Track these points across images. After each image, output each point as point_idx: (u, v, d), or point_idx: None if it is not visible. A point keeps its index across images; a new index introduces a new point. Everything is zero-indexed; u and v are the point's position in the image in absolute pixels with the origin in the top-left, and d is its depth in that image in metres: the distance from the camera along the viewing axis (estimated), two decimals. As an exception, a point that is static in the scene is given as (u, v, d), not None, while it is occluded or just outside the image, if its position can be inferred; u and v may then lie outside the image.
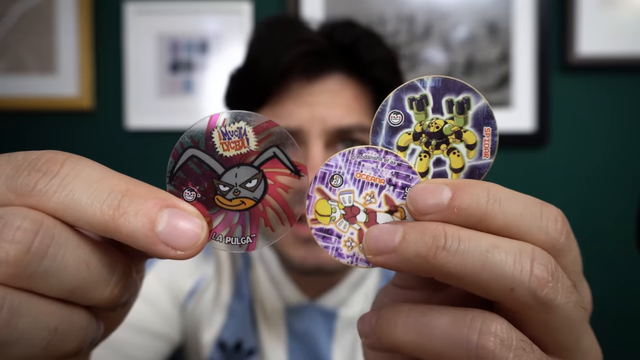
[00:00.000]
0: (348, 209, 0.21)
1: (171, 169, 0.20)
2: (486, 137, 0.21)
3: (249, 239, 0.21)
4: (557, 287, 0.19)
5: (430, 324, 0.19)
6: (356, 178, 0.21)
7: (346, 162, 0.21)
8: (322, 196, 0.21)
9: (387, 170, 0.21)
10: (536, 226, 0.20)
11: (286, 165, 0.20)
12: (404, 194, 0.21)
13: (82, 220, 0.18)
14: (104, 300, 0.19)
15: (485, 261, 0.18)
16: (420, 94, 0.21)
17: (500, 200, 0.19)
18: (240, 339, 0.66)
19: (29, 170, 0.18)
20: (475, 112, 0.21)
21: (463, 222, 0.19)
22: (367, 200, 0.21)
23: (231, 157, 0.20)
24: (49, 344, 0.18)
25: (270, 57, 0.59)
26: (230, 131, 0.20)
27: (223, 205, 0.20)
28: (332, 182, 0.21)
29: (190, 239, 0.18)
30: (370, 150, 0.21)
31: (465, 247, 0.18)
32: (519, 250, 0.19)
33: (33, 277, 0.17)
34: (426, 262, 0.19)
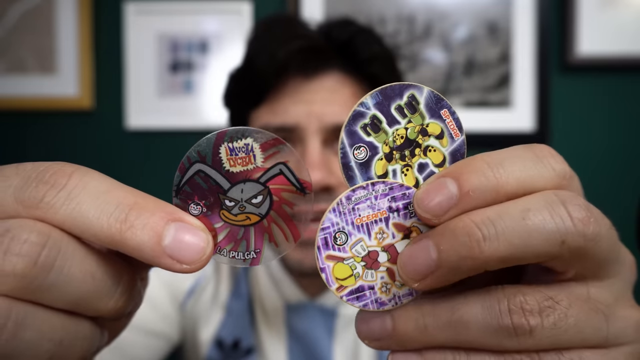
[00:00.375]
0: (366, 257, 0.21)
1: (178, 182, 0.20)
2: (447, 119, 0.21)
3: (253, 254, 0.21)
4: (597, 219, 0.19)
5: (464, 319, 0.19)
6: (358, 224, 0.21)
7: (340, 216, 0.21)
8: (335, 261, 0.21)
9: (383, 199, 0.21)
10: (542, 169, 0.19)
11: (292, 182, 0.20)
12: (410, 212, 0.21)
13: (88, 232, 0.18)
14: (109, 310, 0.20)
15: (527, 229, 0.18)
16: (368, 116, 0.21)
17: (501, 163, 0.19)
18: (238, 337, 0.67)
19: (37, 182, 0.18)
20: (425, 103, 0.21)
21: (482, 202, 0.19)
22: (380, 239, 0.21)
23: (237, 172, 0.20)
24: (54, 356, 0.18)
25: (266, 54, 0.59)
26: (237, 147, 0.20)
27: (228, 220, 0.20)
28: (336, 242, 0.21)
29: (195, 253, 0.18)
30: (358, 191, 0.21)
31: (502, 226, 0.18)
32: (547, 202, 0.18)
33: (39, 289, 0.17)
34: (474, 260, 0.18)
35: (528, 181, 0.19)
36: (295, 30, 0.61)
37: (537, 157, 0.20)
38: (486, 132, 1.10)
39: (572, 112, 1.11)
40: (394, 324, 0.20)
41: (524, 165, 0.19)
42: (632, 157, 1.11)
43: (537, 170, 0.19)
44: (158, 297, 0.66)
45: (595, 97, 1.11)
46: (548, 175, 0.19)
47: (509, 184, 0.19)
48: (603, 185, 1.12)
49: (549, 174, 0.19)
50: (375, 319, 0.20)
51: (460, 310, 0.19)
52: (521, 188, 0.19)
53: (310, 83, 0.60)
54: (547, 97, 1.09)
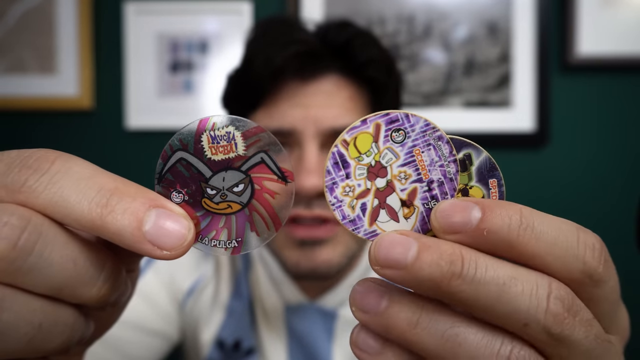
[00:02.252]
0: (379, 165, 0.20)
1: (160, 170, 0.20)
2: (493, 189, 0.21)
3: (235, 243, 0.21)
4: (574, 323, 0.18)
5: (460, 338, 0.18)
6: (413, 152, 0.20)
7: (421, 133, 0.20)
8: (373, 132, 0.20)
9: (440, 173, 0.20)
10: (572, 255, 0.18)
11: (273, 171, 0.20)
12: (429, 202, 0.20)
13: (70, 217, 0.18)
14: (92, 298, 0.19)
15: (500, 293, 0.17)
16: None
17: (534, 225, 0.18)
18: (239, 338, 0.67)
19: (19, 167, 0.18)
20: (478, 167, 0.21)
21: (492, 247, 0.18)
22: (399, 177, 0.20)
23: (219, 161, 0.20)
24: (33, 340, 0.18)
25: (262, 58, 0.58)
26: (219, 135, 0.20)
27: (210, 208, 0.20)
28: (395, 132, 0.20)
29: (176, 240, 0.18)
30: (446, 146, 0.20)
31: (482, 276, 0.17)
32: (536, 283, 0.18)
33: (19, 272, 0.17)
34: (438, 287, 0.18)
35: (549, 256, 0.18)
36: (292, 34, 0.60)
37: (578, 243, 0.18)
38: (486, 132, 1.10)
39: (572, 112, 1.11)
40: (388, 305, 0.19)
41: (556, 240, 0.18)
42: (632, 157, 1.11)
43: (566, 251, 0.18)
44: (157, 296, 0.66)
45: (595, 97, 1.11)
46: (574, 262, 0.18)
47: (527, 247, 0.18)
48: (603, 186, 1.12)
49: (575, 263, 0.18)
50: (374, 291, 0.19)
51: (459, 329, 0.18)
52: (537, 257, 0.18)
53: (307, 87, 0.59)
54: (547, 97, 1.09)
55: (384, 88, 0.63)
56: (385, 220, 0.21)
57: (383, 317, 0.19)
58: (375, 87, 0.62)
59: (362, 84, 0.62)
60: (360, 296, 0.20)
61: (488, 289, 0.17)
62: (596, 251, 0.19)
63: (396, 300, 0.19)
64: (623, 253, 1.11)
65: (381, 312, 0.19)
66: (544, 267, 0.18)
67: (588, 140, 1.11)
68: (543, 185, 1.12)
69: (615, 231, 1.11)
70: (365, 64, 0.61)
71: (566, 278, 0.18)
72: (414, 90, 1.10)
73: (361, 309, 0.19)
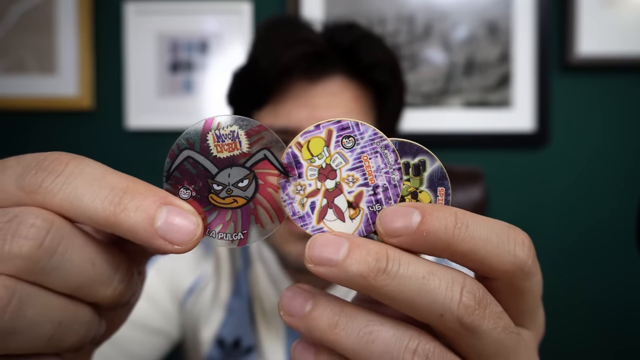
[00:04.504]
0: (329, 168, 0.22)
1: (168, 168, 0.21)
2: (440, 197, 0.22)
3: (241, 235, 0.22)
4: (484, 314, 0.19)
5: (373, 335, 0.20)
6: (361, 158, 0.22)
7: (369, 141, 0.22)
8: (326, 137, 0.22)
9: (385, 179, 0.22)
10: (504, 250, 0.20)
11: (276, 166, 0.21)
12: (373, 205, 0.22)
13: (85, 215, 0.19)
14: (107, 298, 0.20)
15: (420, 287, 0.19)
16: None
17: (467, 225, 0.20)
18: (239, 336, 0.67)
19: (36, 170, 0.19)
20: (430, 173, 0.22)
21: (431, 247, 0.20)
22: (347, 179, 0.22)
23: (224, 158, 0.21)
24: (53, 337, 0.19)
25: (270, 57, 0.59)
26: (224, 134, 0.21)
27: (216, 203, 0.21)
28: (345, 139, 0.22)
29: (186, 235, 0.19)
30: (392, 155, 0.22)
31: (405, 271, 0.19)
32: (452, 278, 0.19)
33: (43, 271, 0.18)
34: (366, 282, 0.19)
35: (482, 251, 0.20)
36: (300, 34, 0.61)
37: (508, 239, 0.20)
38: (486, 132, 1.10)
39: (572, 112, 1.11)
40: (312, 309, 0.20)
41: (488, 237, 0.20)
42: (632, 157, 1.11)
43: (498, 247, 0.20)
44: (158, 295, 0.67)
45: (595, 97, 1.11)
46: (506, 257, 0.20)
47: (462, 244, 0.19)
48: (603, 186, 1.12)
49: (507, 257, 0.20)
50: (300, 296, 0.21)
51: (373, 327, 0.20)
52: (471, 253, 0.20)
53: (313, 87, 0.60)
54: (547, 97, 1.09)
55: (388, 90, 0.63)
56: (332, 219, 0.22)
57: (307, 319, 0.20)
58: (380, 89, 0.63)
59: (367, 85, 0.63)
60: (287, 300, 0.21)
61: (410, 283, 0.19)
62: (525, 246, 0.20)
63: (319, 304, 0.20)
64: (623, 253, 1.11)
65: (305, 315, 0.20)
66: (479, 262, 0.20)
67: (588, 140, 1.12)
68: (543, 185, 1.12)
69: (615, 231, 1.11)
70: (370, 67, 0.61)
71: (500, 270, 0.20)
72: (414, 91, 1.10)
73: (288, 313, 0.21)
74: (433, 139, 1.11)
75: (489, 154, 1.12)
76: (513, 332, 0.21)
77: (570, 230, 1.12)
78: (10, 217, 0.18)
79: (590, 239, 1.12)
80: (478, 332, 0.19)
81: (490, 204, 1.09)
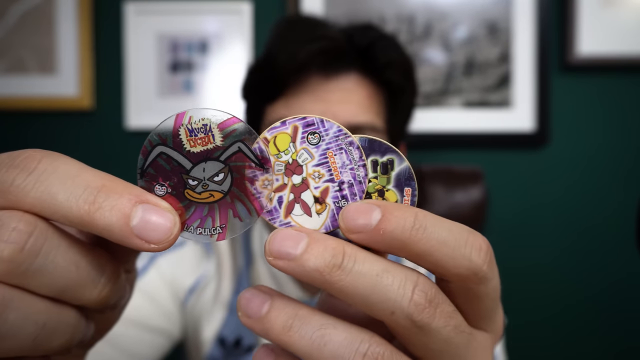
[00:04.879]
0: (296, 163, 0.22)
1: (141, 165, 0.21)
2: (406, 197, 0.22)
3: (219, 229, 0.22)
4: (435, 313, 0.20)
5: (325, 338, 0.20)
6: (326, 154, 0.22)
7: (334, 137, 0.22)
8: (292, 133, 0.22)
9: (350, 175, 0.22)
10: (459, 253, 0.20)
11: (250, 158, 0.21)
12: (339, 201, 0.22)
13: (58, 214, 0.19)
14: (93, 300, 0.20)
15: (374, 284, 0.19)
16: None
17: (426, 226, 0.20)
18: (240, 335, 0.67)
19: (7, 167, 0.19)
20: (397, 173, 0.22)
21: (388, 245, 0.20)
22: (313, 175, 0.22)
23: (198, 152, 0.21)
24: (37, 339, 0.19)
25: (288, 51, 0.60)
26: (196, 128, 0.21)
27: (193, 198, 0.21)
28: (310, 135, 0.22)
29: (162, 233, 0.19)
30: (357, 151, 0.22)
31: (359, 268, 0.19)
32: (405, 276, 0.20)
33: (25, 275, 0.18)
34: (321, 277, 0.19)
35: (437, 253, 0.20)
36: (318, 31, 0.62)
37: (466, 244, 0.20)
38: (486, 132, 1.10)
39: (572, 112, 1.11)
40: (268, 311, 0.20)
41: (446, 240, 0.20)
42: (632, 157, 1.11)
43: (454, 250, 0.20)
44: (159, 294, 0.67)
45: (595, 97, 1.11)
46: (461, 260, 0.20)
47: (418, 245, 0.20)
48: (603, 186, 1.12)
49: (462, 260, 0.20)
50: (258, 298, 0.21)
51: (326, 330, 0.20)
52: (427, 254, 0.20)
53: (328, 83, 0.61)
54: (547, 97, 1.09)
55: (401, 91, 0.65)
56: (299, 214, 0.22)
57: (263, 322, 0.20)
58: (393, 89, 0.64)
59: (380, 85, 0.64)
60: (245, 302, 0.21)
61: (364, 279, 0.19)
62: (482, 252, 0.20)
63: (275, 306, 0.20)
64: (623, 252, 1.11)
65: (261, 317, 0.20)
66: (434, 263, 0.20)
67: (588, 140, 1.11)
68: (543, 185, 1.12)
69: (615, 231, 1.11)
70: (385, 67, 0.62)
71: (454, 274, 0.20)
72: (414, 90, 1.10)
73: (245, 314, 0.21)
74: (433, 139, 1.11)
75: (489, 154, 1.12)
76: (464, 331, 0.21)
77: (570, 230, 1.12)
78: None
79: (590, 238, 1.12)
80: (427, 329, 0.20)
81: (490, 204, 1.09)
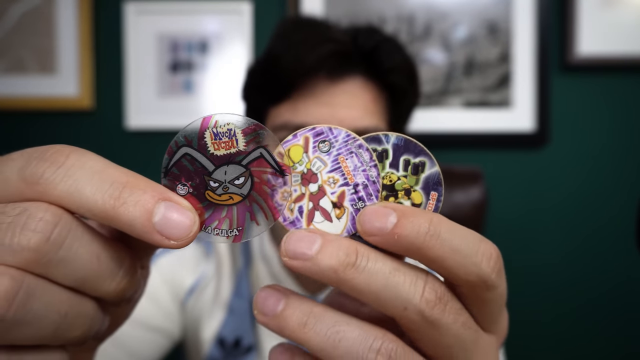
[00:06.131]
0: (310, 172, 0.23)
1: (166, 165, 0.21)
2: (431, 201, 0.23)
3: (236, 232, 0.22)
4: (444, 309, 0.21)
5: (340, 335, 0.21)
6: (338, 160, 0.23)
7: (344, 142, 0.23)
8: (303, 144, 0.23)
9: (363, 177, 0.23)
10: (470, 261, 0.21)
11: (271, 164, 0.22)
12: (356, 203, 0.23)
13: (84, 207, 0.19)
14: (111, 292, 0.21)
15: (386, 282, 0.20)
16: (382, 147, 0.23)
17: (440, 233, 0.20)
18: (239, 336, 0.67)
19: (37, 161, 0.19)
20: (427, 176, 0.23)
21: (403, 249, 0.21)
22: (328, 181, 0.23)
23: (221, 155, 0.21)
24: (58, 328, 0.20)
25: (295, 55, 0.59)
26: (221, 132, 0.21)
27: (213, 199, 0.22)
28: (321, 143, 0.23)
29: (183, 230, 0.20)
30: (366, 153, 0.23)
31: (372, 266, 0.20)
32: (415, 275, 0.21)
33: (49, 264, 0.19)
34: (336, 275, 0.20)
35: (449, 260, 0.21)
36: (325, 34, 0.61)
37: (476, 252, 0.21)
38: (486, 132, 1.10)
39: (572, 112, 1.11)
40: (284, 308, 0.21)
41: (458, 247, 0.21)
42: (632, 157, 1.11)
43: (465, 258, 0.21)
44: (159, 294, 0.67)
45: (595, 97, 1.11)
46: (472, 268, 0.21)
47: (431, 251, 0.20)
48: (603, 186, 1.12)
49: (472, 268, 0.21)
50: (273, 296, 0.22)
51: (340, 327, 0.21)
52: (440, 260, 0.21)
53: (334, 86, 0.61)
54: (547, 97, 1.09)
55: (404, 94, 0.65)
56: (320, 220, 0.23)
57: (278, 319, 0.21)
58: (396, 92, 0.65)
59: (384, 88, 0.64)
60: (261, 300, 0.22)
61: (376, 277, 0.20)
62: (492, 260, 0.21)
63: (290, 304, 0.21)
64: (623, 252, 1.11)
65: (277, 315, 0.21)
66: (446, 269, 0.21)
67: (588, 140, 1.12)
68: (543, 185, 1.12)
69: (615, 230, 1.11)
70: (389, 71, 0.63)
71: (464, 280, 0.21)
72: (414, 90, 1.10)
73: (261, 312, 0.22)
74: (433, 139, 1.11)
75: (489, 154, 1.12)
76: (471, 328, 0.22)
77: (570, 230, 1.12)
78: (20, 211, 0.18)
79: (589, 238, 1.12)
80: (438, 325, 0.21)
81: (490, 204, 1.09)
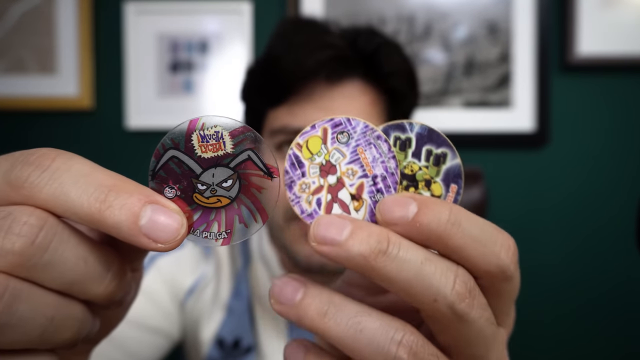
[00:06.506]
0: (329, 164, 0.22)
1: (153, 167, 0.21)
2: (451, 193, 0.23)
3: (224, 234, 0.22)
4: (473, 303, 0.21)
5: (361, 325, 0.20)
6: (357, 151, 0.22)
7: (362, 134, 0.22)
8: (322, 135, 0.22)
9: (382, 168, 0.22)
10: (490, 251, 0.21)
11: (259, 167, 0.22)
12: (375, 195, 0.22)
13: (70, 211, 0.19)
14: (99, 295, 0.21)
15: (418, 271, 0.20)
16: (406, 135, 0.23)
17: (460, 222, 0.20)
18: (239, 336, 0.67)
19: (22, 164, 0.19)
20: (448, 167, 0.23)
21: (424, 238, 0.20)
22: (347, 173, 0.23)
23: (209, 158, 0.21)
24: (45, 331, 0.19)
25: (294, 58, 0.59)
26: (208, 134, 0.21)
27: (201, 202, 0.22)
28: (340, 134, 0.22)
29: (170, 233, 0.20)
30: (385, 144, 0.22)
31: (404, 255, 0.20)
32: (446, 266, 0.20)
33: (35, 268, 0.18)
34: (366, 262, 0.20)
35: (470, 249, 0.21)
36: (325, 38, 0.61)
37: (495, 242, 0.21)
38: (486, 132, 1.10)
39: (572, 112, 1.11)
40: (303, 297, 0.21)
41: (478, 237, 0.21)
42: (631, 157, 1.11)
43: (485, 247, 0.21)
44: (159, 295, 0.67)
45: (595, 97, 1.11)
46: (491, 258, 0.21)
47: (452, 240, 0.20)
48: (603, 186, 1.12)
49: (492, 258, 0.21)
50: (291, 285, 0.21)
51: (362, 317, 0.20)
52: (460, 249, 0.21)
53: (332, 90, 0.61)
54: (547, 97, 1.09)
55: (403, 98, 0.65)
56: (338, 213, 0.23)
57: (297, 308, 0.21)
58: (395, 96, 0.65)
59: (383, 91, 0.64)
60: (278, 289, 0.21)
61: (408, 266, 0.20)
62: (510, 251, 0.21)
63: (309, 293, 0.21)
64: (623, 252, 1.11)
65: (296, 304, 0.21)
66: (466, 259, 0.21)
67: (588, 140, 1.11)
68: (543, 185, 1.12)
69: (614, 230, 1.11)
70: (389, 74, 0.63)
71: (483, 270, 0.21)
72: (414, 90, 1.10)
73: (278, 301, 0.21)
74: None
75: (489, 154, 1.12)
76: (493, 324, 0.22)
77: (570, 230, 1.12)
78: (4, 215, 0.18)
79: (589, 238, 1.12)
80: (466, 319, 0.20)
81: (490, 204, 1.09)
